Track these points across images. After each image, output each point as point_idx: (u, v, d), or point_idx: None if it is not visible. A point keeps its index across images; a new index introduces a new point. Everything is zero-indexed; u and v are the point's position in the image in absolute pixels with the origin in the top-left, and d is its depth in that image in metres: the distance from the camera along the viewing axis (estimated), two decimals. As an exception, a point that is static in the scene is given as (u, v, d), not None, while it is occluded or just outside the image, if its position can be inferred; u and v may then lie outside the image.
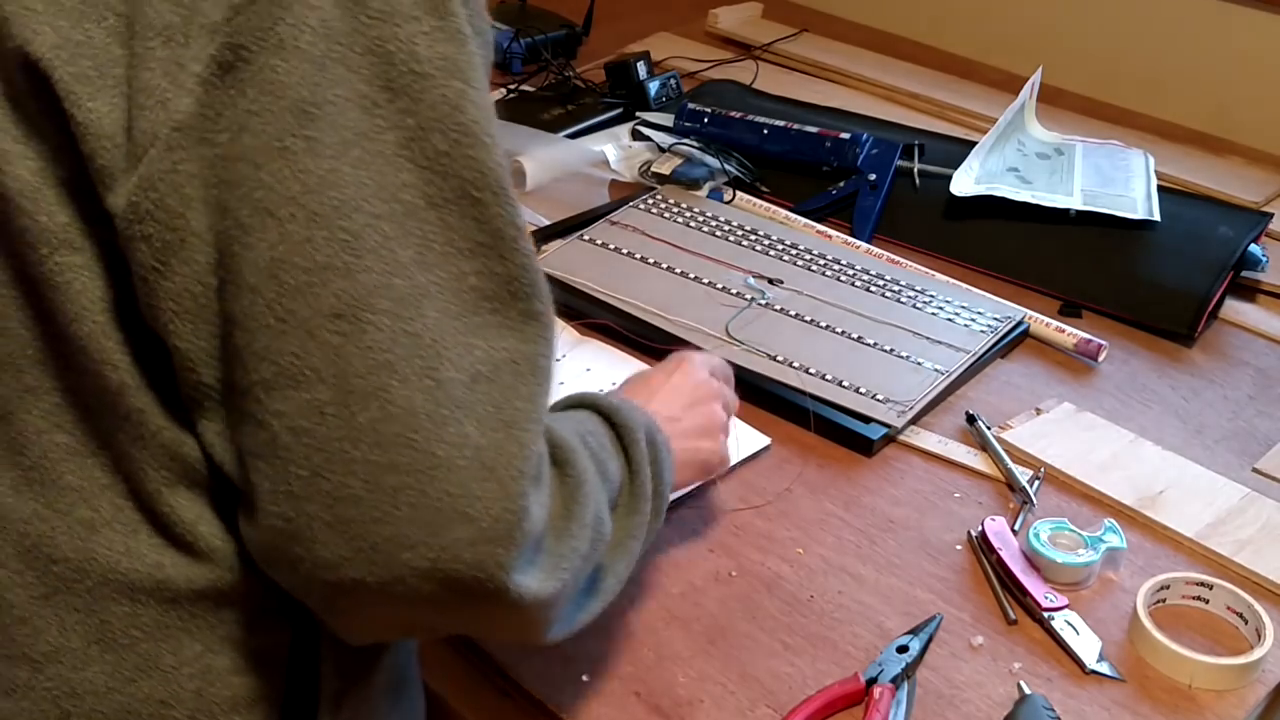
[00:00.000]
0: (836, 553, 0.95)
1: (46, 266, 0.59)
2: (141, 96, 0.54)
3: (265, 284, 0.54)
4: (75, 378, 0.61)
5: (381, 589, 0.56)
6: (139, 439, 0.61)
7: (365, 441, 0.54)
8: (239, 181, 0.54)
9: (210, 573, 0.63)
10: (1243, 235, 1.29)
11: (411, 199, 0.55)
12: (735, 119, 1.46)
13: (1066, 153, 1.44)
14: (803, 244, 1.29)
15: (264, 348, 0.54)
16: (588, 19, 1.82)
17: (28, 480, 0.63)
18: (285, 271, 0.54)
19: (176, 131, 0.54)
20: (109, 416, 0.61)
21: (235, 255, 0.55)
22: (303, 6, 0.54)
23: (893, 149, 1.41)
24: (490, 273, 0.57)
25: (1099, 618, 0.90)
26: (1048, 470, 1.04)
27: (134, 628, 0.63)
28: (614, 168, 1.43)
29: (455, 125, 0.56)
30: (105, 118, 0.55)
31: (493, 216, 0.57)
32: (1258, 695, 0.85)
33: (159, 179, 0.54)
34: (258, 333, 0.54)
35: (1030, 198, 1.32)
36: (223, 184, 0.54)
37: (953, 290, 1.24)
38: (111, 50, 0.55)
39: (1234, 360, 1.21)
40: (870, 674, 0.83)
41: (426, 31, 0.55)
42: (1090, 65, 1.68)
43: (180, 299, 0.56)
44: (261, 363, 0.55)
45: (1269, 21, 1.58)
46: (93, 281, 0.59)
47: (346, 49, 0.54)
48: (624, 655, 0.85)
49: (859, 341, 1.16)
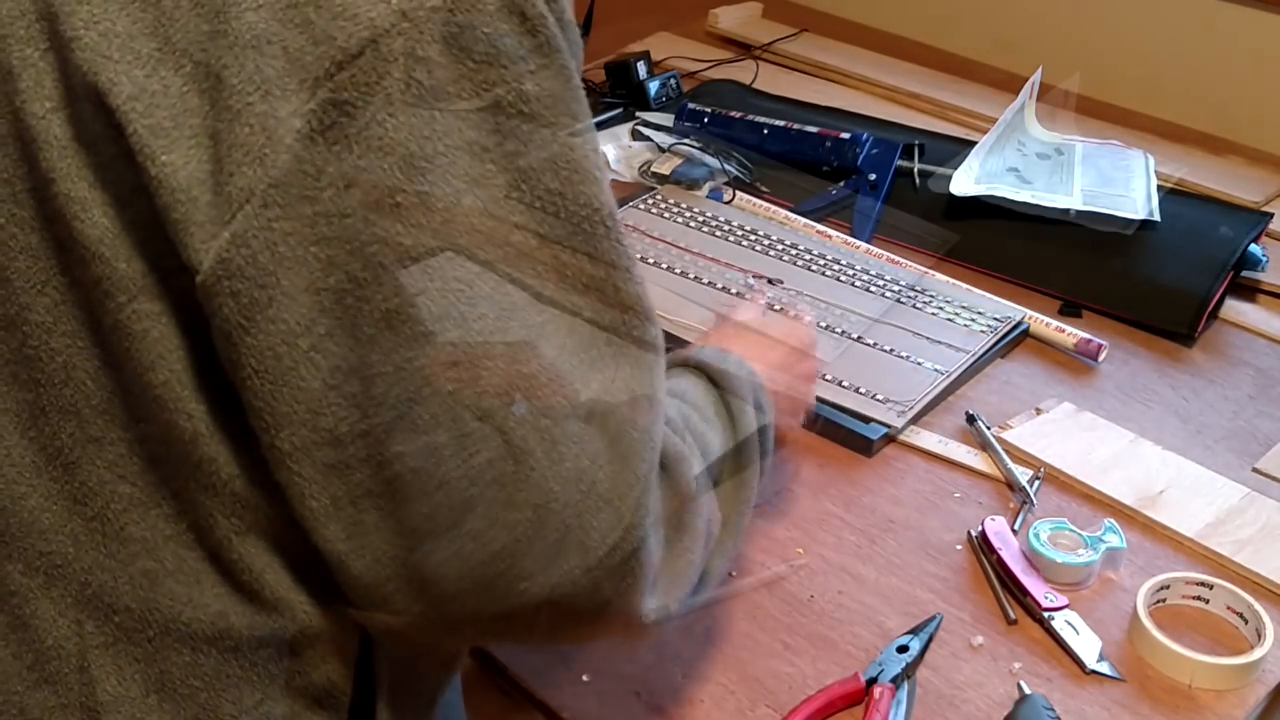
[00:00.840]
0: (837, 552, 0.95)
1: (124, 314, 0.57)
2: (237, 152, 0.52)
3: (382, 335, 0.54)
4: (143, 427, 0.60)
5: (497, 618, 0.57)
6: (210, 487, 0.60)
7: (483, 480, 0.55)
8: (349, 238, 0.53)
9: (274, 621, 0.63)
10: (1243, 235, 1.29)
11: (523, 240, 0.55)
12: (735, 119, 1.46)
13: (1066, 153, 1.44)
14: (802, 244, 1.29)
15: (382, 394, 0.54)
16: (588, 19, 1.81)
17: (89, 531, 0.62)
18: (402, 323, 0.54)
19: (274, 189, 0.52)
20: (179, 465, 0.60)
21: (350, 308, 0.54)
22: (409, 59, 0.52)
23: (893, 149, 1.41)
24: (605, 306, 0.58)
25: (1099, 618, 0.90)
26: (1048, 470, 1.04)
27: (194, 677, 0.63)
28: (614, 168, 1.43)
29: (566, 163, 0.56)
30: (181, 170, 0.53)
31: (606, 250, 0.58)
32: (1258, 695, 0.85)
33: (253, 236, 0.53)
34: (375, 380, 0.54)
35: (1030, 198, 1.32)
36: (327, 241, 0.53)
37: (952, 290, 1.24)
38: (189, 100, 0.53)
39: (1234, 360, 1.21)
40: (870, 674, 0.83)
41: (533, 71, 0.55)
42: (1090, 65, 1.67)
43: (263, 357, 0.55)
44: (379, 408, 0.54)
45: (1270, 21, 1.58)
46: (170, 330, 0.58)
47: (454, 98, 0.53)
48: (624, 655, 0.85)
49: (859, 341, 1.16)
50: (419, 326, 0.54)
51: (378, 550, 0.57)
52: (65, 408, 0.61)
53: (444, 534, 0.55)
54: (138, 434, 0.61)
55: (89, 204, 0.56)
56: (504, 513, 0.55)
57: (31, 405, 0.61)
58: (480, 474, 0.55)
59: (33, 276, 0.59)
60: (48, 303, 0.59)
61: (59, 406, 0.61)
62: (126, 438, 0.61)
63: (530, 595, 0.56)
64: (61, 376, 0.60)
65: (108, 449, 0.61)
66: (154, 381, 0.58)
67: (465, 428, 0.55)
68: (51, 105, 0.56)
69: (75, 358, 0.60)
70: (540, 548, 0.56)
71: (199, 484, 0.60)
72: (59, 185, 0.56)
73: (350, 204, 0.53)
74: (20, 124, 0.57)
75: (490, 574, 0.56)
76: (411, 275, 0.53)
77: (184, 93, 0.53)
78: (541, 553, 0.56)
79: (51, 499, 0.62)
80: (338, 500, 0.56)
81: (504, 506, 0.55)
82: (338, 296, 0.54)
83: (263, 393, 0.55)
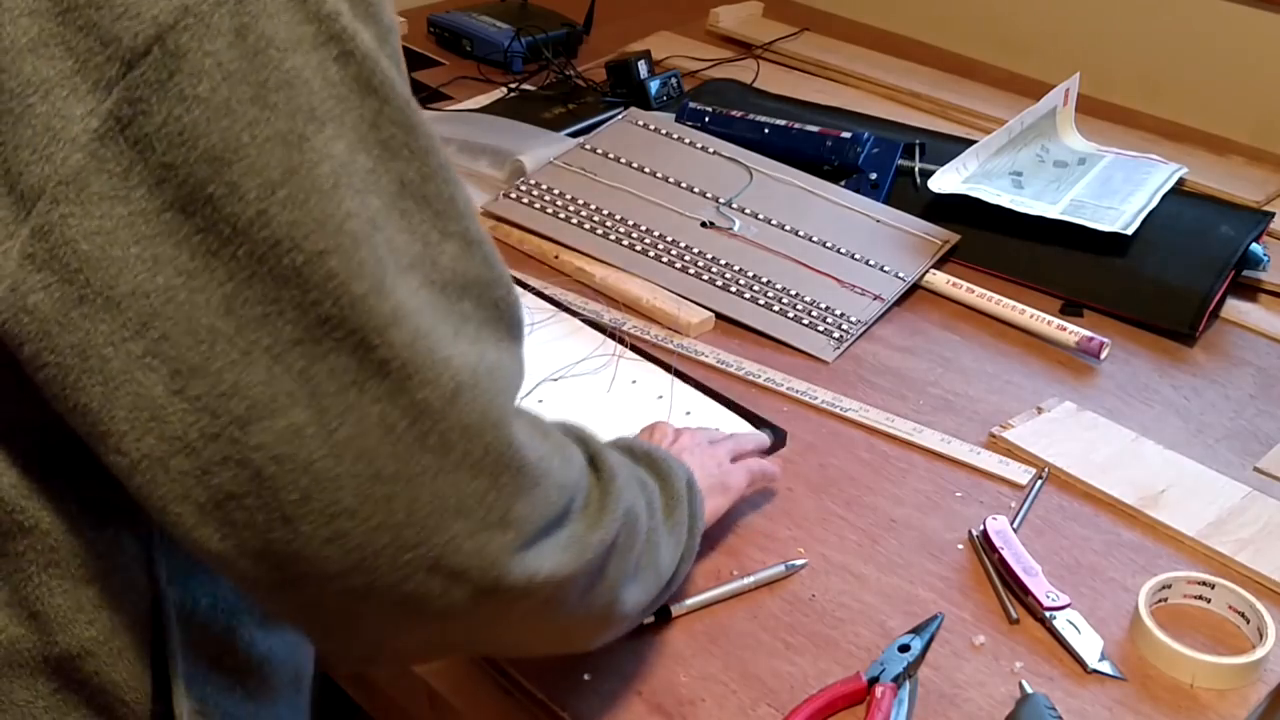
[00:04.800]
0: (838, 552, 0.95)
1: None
2: (24, 152, 0.53)
3: (222, 322, 0.53)
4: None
5: (391, 591, 0.56)
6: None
7: (348, 456, 0.54)
8: (170, 233, 0.53)
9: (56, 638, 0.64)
10: (1244, 234, 1.29)
11: (355, 228, 0.54)
12: (736, 118, 1.46)
13: (1089, 162, 1.43)
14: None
15: (232, 385, 0.54)
16: (589, 18, 1.82)
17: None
18: (241, 306, 0.53)
19: (64, 185, 0.52)
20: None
21: (181, 303, 0.53)
22: (199, 54, 0.52)
23: (894, 148, 1.41)
24: (433, 281, 0.57)
25: (1100, 617, 0.90)
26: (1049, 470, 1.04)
27: None
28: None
29: (377, 143, 0.55)
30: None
31: (419, 224, 0.57)
32: (1259, 695, 0.85)
33: (50, 231, 0.53)
34: (224, 371, 0.54)
35: (1008, 203, 1.32)
36: (148, 240, 0.53)
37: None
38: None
39: (1235, 359, 1.21)
40: (872, 673, 0.83)
41: (336, 56, 0.54)
42: (1090, 64, 1.67)
43: (86, 358, 0.54)
44: (230, 400, 0.54)
45: (1270, 21, 1.58)
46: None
47: (257, 88, 0.52)
48: (626, 654, 0.85)
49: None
50: (258, 309, 0.53)
51: (255, 546, 0.55)
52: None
53: (318, 515, 0.54)
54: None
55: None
56: (374, 487, 0.54)
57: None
58: (344, 450, 0.54)
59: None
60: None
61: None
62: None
63: (415, 565, 0.56)
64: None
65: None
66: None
67: (322, 404, 0.54)
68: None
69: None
70: (417, 518, 0.55)
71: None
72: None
73: (164, 201, 0.52)
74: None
75: (372, 547, 0.55)
76: (239, 262, 0.53)
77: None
78: (419, 523, 0.55)
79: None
80: (203, 506, 0.55)
81: (373, 481, 0.54)
82: (168, 295, 0.53)
83: (94, 402, 0.54)
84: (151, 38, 0.52)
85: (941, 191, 1.32)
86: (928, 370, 1.16)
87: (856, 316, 1.21)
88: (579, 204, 1.32)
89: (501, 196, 1.35)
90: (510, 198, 1.34)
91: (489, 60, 1.72)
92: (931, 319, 1.24)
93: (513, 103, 1.60)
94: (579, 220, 1.31)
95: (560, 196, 1.34)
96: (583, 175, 1.36)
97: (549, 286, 1.24)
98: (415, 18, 1.84)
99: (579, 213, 1.31)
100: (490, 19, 1.77)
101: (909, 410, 1.10)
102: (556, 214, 1.32)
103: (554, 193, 1.34)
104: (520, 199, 1.34)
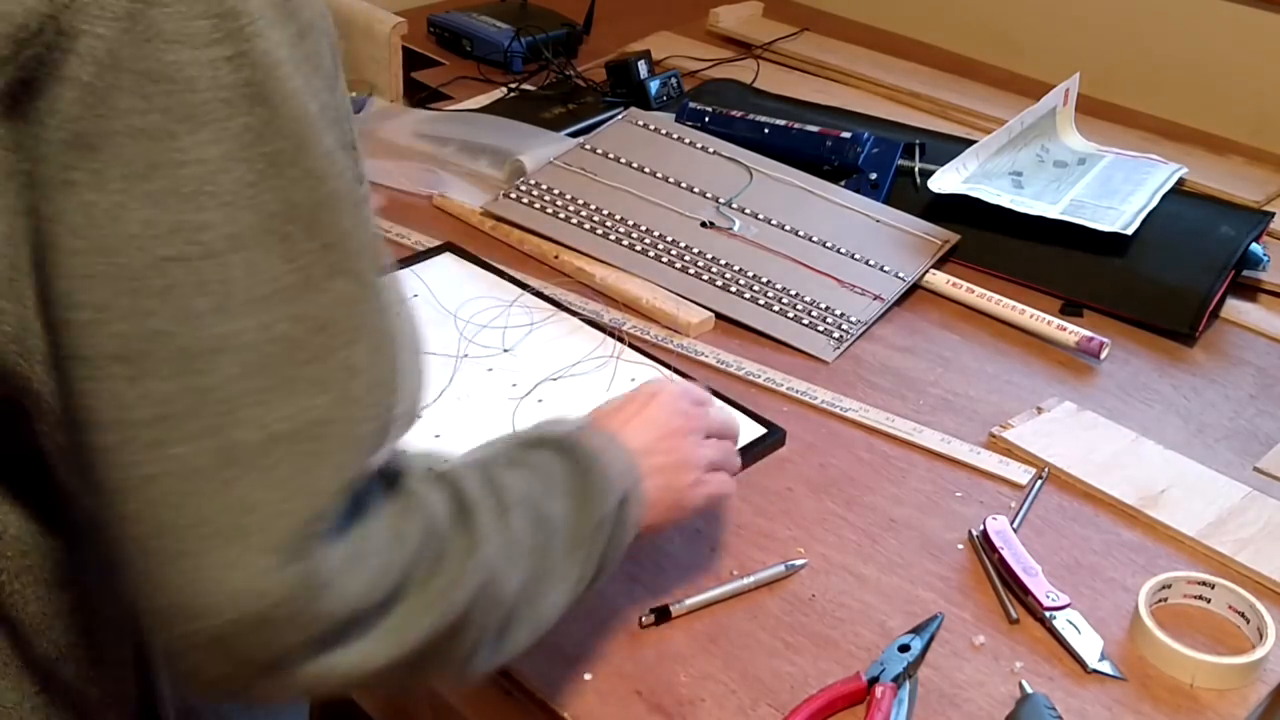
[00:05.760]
0: (838, 552, 0.95)
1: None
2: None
3: (58, 314, 0.53)
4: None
5: (203, 651, 0.54)
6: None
7: (140, 497, 0.52)
8: (37, 212, 0.53)
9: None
10: (1244, 234, 1.29)
11: (210, 240, 0.52)
12: (736, 118, 1.46)
13: (1089, 163, 1.43)
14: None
15: (62, 381, 0.53)
16: (588, 18, 1.82)
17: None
18: (70, 309, 0.52)
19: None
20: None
21: (40, 289, 0.53)
22: (89, 37, 0.51)
23: (894, 148, 1.41)
24: (302, 318, 0.54)
25: (1100, 617, 0.90)
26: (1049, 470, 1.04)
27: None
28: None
29: (261, 156, 0.53)
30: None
31: (303, 253, 0.53)
32: (1259, 694, 0.85)
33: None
34: (62, 362, 0.53)
35: (1008, 203, 1.32)
36: (28, 213, 0.53)
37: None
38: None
39: (1235, 359, 1.21)
40: (872, 673, 0.83)
41: (229, 56, 0.52)
42: (1090, 64, 1.67)
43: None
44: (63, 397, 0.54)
45: (1270, 21, 1.58)
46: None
47: (136, 77, 0.51)
48: (626, 654, 0.85)
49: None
50: (85, 314, 0.52)
51: (135, 581, 0.54)
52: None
53: (131, 542, 0.53)
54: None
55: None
56: (160, 541, 0.53)
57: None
58: (137, 490, 0.52)
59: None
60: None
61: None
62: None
63: (200, 639, 0.53)
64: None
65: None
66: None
67: (129, 432, 0.52)
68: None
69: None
70: (202, 585, 0.52)
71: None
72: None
73: (37, 179, 0.52)
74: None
75: (158, 605, 0.53)
76: (79, 257, 0.52)
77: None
78: (201, 591, 0.52)
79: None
80: (106, 553, 0.54)
81: (159, 534, 0.52)
82: (39, 272, 0.53)
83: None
84: (44, 16, 0.51)
85: (941, 191, 1.33)
86: (928, 370, 1.16)
87: (856, 316, 1.21)
88: (579, 204, 1.32)
89: (501, 196, 1.35)
90: (510, 198, 1.34)
91: (489, 60, 1.72)
92: (931, 319, 1.24)
93: (513, 103, 1.60)
94: (579, 220, 1.31)
95: (560, 196, 1.34)
96: (583, 175, 1.36)
97: (549, 286, 1.23)
98: (415, 18, 1.84)
99: (579, 213, 1.32)
100: (490, 19, 1.77)
101: (909, 410, 1.11)
102: (556, 214, 1.32)
103: (554, 193, 1.34)
104: (520, 199, 1.34)
